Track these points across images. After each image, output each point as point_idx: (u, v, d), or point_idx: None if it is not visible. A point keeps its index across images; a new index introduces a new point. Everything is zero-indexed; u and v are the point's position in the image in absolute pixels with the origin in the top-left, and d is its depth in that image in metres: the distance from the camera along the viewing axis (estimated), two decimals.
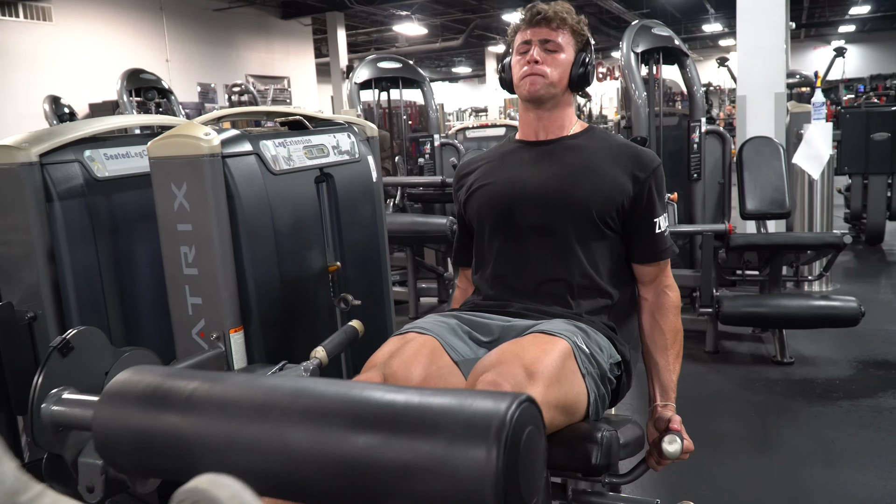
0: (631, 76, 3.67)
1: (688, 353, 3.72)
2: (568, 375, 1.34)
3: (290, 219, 1.72)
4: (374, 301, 2.05)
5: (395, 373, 1.35)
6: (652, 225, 1.63)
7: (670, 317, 1.65)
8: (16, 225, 1.75)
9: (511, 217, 1.65)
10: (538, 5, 1.68)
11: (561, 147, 1.68)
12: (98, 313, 1.82)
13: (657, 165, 1.64)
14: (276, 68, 13.15)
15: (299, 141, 1.79)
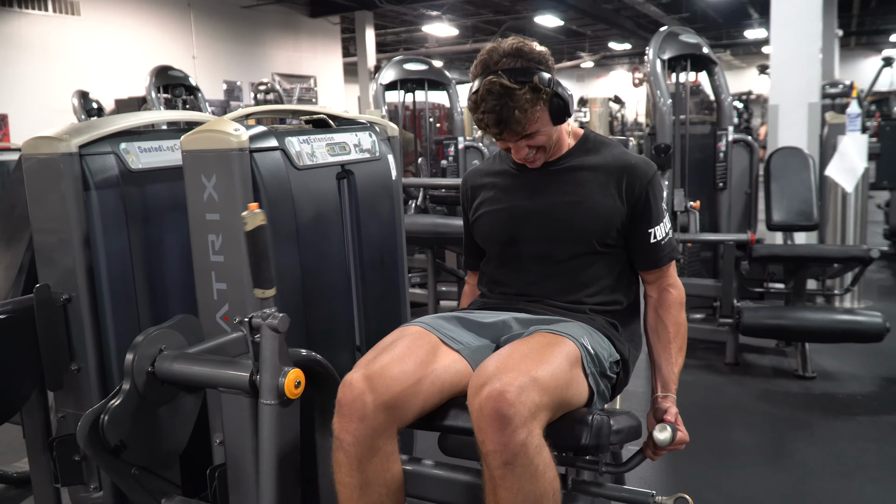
0: (656, 83, 3.80)
1: (707, 363, 3.84)
2: (574, 379, 1.46)
3: (311, 211, 1.89)
4: (390, 299, 2.20)
5: (387, 367, 1.46)
6: (647, 236, 1.77)
7: (673, 311, 1.78)
8: (55, 212, 1.94)
9: (516, 246, 1.81)
10: (489, 106, 1.64)
11: (557, 171, 1.81)
12: (129, 296, 2.00)
13: (652, 176, 1.77)
14: (303, 67, 13.45)
15: (322, 138, 1.96)
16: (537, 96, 1.65)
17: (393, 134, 2.28)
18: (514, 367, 1.37)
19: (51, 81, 8.72)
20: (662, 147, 3.77)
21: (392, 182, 2.20)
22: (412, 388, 1.45)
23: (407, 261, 2.36)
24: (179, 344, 1.71)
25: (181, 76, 5.35)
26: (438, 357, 1.54)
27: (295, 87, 10.68)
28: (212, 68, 11.47)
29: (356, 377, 1.46)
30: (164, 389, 1.66)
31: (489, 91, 1.63)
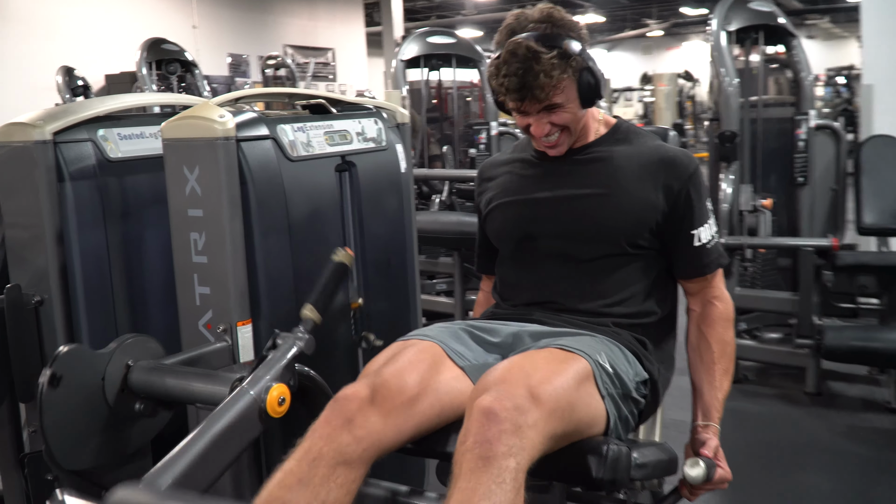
0: (721, 59, 3.84)
1: (782, 392, 3.85)
2: (584, 399, 1.51)
3: (306, 208, 1.99)
4: (398, 306, 2.30)
5: (387, 382, 1.53)
6: (690, 238, 1.82)
7: (718, 328, 1.83)
8: (27, 205, 2.06)
9: (532, 244, 1.87)
10: (512, 69, 1.71)
11: (583, 160, 1.87)
12: (105, 299, 2.11)
13: (693, 170, 1.82)
14: (320, 38, 13.64)
15: (320, 126, 2.06)
16: (565, 64, 1.73)
17: (403, 121, 2.37)
18: (515, 380, 1.43)
19: (37, 56, 9.00)
20: (727, 135, 3.80)
21: (401, 175, 2.29)
22: (410, 405, 1.53)
23: (418, 263, 2.45)
24: (155, 353, 1.82)
25: (176, 50, 5.51)
26: (441, 373, 1.61)
27: (309, 61, 10.85)
28: (215, 40, 11.70)
29: (360, 386, 1.54)
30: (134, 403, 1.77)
31: (513, 53, 1.71)
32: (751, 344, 3.96)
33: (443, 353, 1.65)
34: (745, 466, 3.16)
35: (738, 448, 3.30)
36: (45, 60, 7.83)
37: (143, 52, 5.35)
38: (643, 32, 22.14)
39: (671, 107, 12.75)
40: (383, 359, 1.64)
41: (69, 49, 9.32)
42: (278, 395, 1.58)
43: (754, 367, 4.15)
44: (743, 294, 3.90)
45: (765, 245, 3.67)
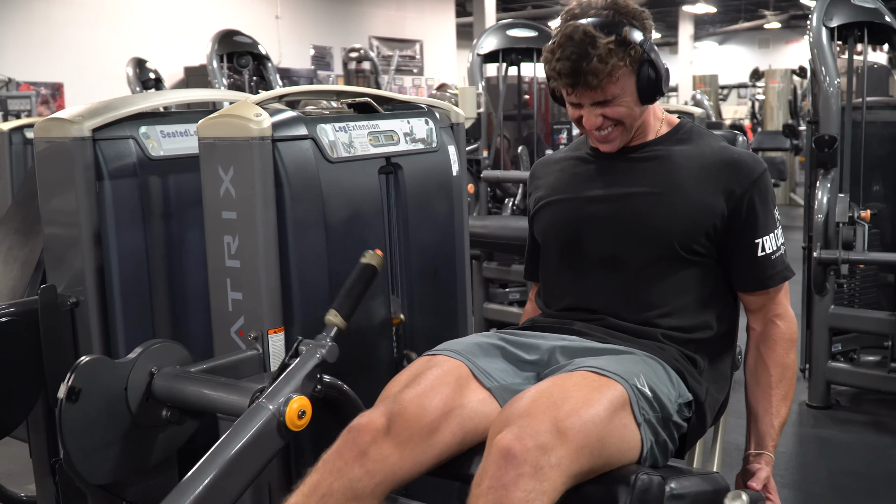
0: (821, 57, 3.71)
1: (875, 419, 3.72)
2: (617, 431, 1.48)
3: (345, 212, 1.99)
4: (445, 316, 2.28)
5: (407, 408, 1.53)
6: (754, 248, 1.77)
7: (778, 350, 1.79)
8: (65, 204, 2.13)
9: (579, 245, 1.84)
10: (566, 52, 1.70)
11: (640, 158, 1.84)
12: (142, 302, 2.17)
13: (760, 174, 1.77)
14: (407, 30, 13.75)
15: (364, 126, 2.06)
16: (624, 52, 1.71)
17: (457, 121, 2.36)
18: (541, 412, 1.41)
19: (112, 46, 9.30)
20: (826, 139, 3.68)
21: (452, 178, 2.28)
22: (429, 434, 1.52)
23: (470, 273, 2.43)
24: (182, 360, 1.85)
25: (248, 42, 5.62)
26: (466, 396, 1.59)
27: (394, 53, 10.93)
28: (298, 31, 11.92)
29: (376, 414, 1.55)
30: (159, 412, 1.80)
31: (569, 37, 1.71)
32: (845, 367, 3.83)
33: (469, 373, 1.63)
34: (823, 497, 3.09)
35: (819, 477, 3.23)
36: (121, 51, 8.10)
37: (213, 45, 5.47)
38: (759, 24, 21.61)
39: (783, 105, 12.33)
40: (404, 380, 1.63)
41: (146, 39, 9.62)
42: (298, 407, 1.59)
43: (848, 393, 4.01)
44: (838, 313, 3.77)
45: (861, 260, 3.54)
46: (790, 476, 3.20)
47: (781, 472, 3.19)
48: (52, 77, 9.44)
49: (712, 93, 14.60)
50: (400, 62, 12.89)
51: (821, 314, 3.78)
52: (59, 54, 9.34)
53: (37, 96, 9.09)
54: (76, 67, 9.32)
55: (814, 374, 3.86)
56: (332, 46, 12.40)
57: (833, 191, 3.66)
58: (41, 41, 9.24)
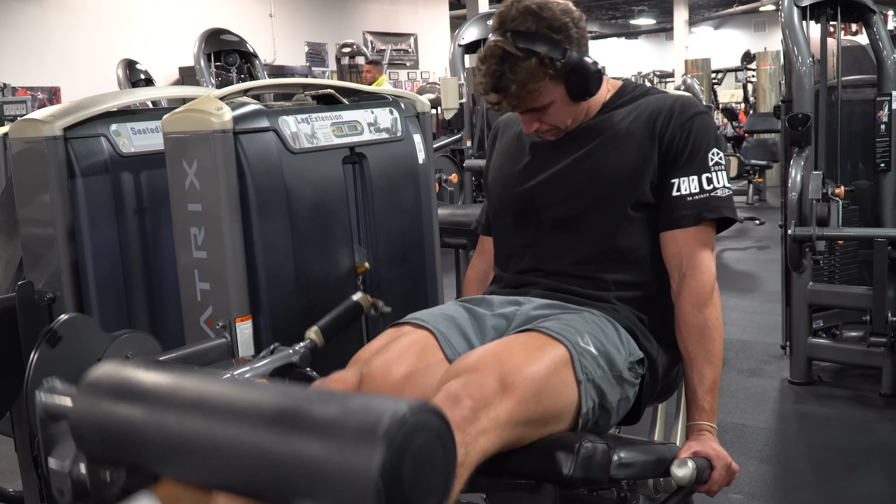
0: (793, 36, 3.72)
1: (856, 394, 3.74)
2: (556, 387, 1.53)
3: (310, 201, 2.03)
4: (413, 301, 2.32)
5: (374, 372, 1.60)
6: (669, 187, 1.77)
7: (688, 310, 1.75)
8: (40, 202, 2.16)
9: (533, 211, 1.87)
10: (490, 69, 1.71)
11: (588, 125, 1.86)
12: (118, 296, 2.21)
13: (689, 117, 1.77)
14: (401, 23, 13.76)
15: (326, 117, 2.10)
16: (544, 71, 1.70)
17: (423, 110, 2.39)
18: (487, 367, 1.47)
19: (109, 48, 9.32)
20: (799, 118, 3.69)
21: (418, 166, 2.32)
22: (394, 391, 1.58)
23: (440, 261, 2.46)
24: (152, 350, 1.89)
25: (235, 40, 5.65)
26: (430, 364, 1.65)
27: (387, 48, 10.96)
28: (292, 28, 11.94)
29: (349, 373, 1.62)
30: None
31: (491, 53, 1.71)
32: (825, 343, 3.84)
33: (435, 342, 1.69)
34: (803, 471, 3.11)
35: (799, 452, 3.24)
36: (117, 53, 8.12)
37: (200, 44, 5.50)
38: (755, 7, 21.51)
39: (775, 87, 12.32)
40: (374, 347, 1.69)
41: (142, 41, 9.65)
42: None
43: (830, 368, 4.03)
44: (816, 289, 3.79)
45: (835, 236, 3.55)
46: (770, 451, 3.22)
47: (761, 448, 3.22)
48: (48, 81, 9.48)
49: (705, 77, 14.54)
50: (394, 56, 12.91)
51: (799, 291, 3.80)
52: (55, 58, 9.38)
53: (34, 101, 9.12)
54: (73, 71, 9.36)
55: (794, 351, 3.88)
56: (326, 42, 12.42)
57: (807, 168, 3.68)
58: (37, 46, 9.28)
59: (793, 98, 3.77)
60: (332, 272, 2.10)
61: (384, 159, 2.23)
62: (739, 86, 17.18)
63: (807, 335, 3.83)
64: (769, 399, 3.75)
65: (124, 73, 6.26)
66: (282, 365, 1.71)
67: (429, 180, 2.37)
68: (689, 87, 9.96)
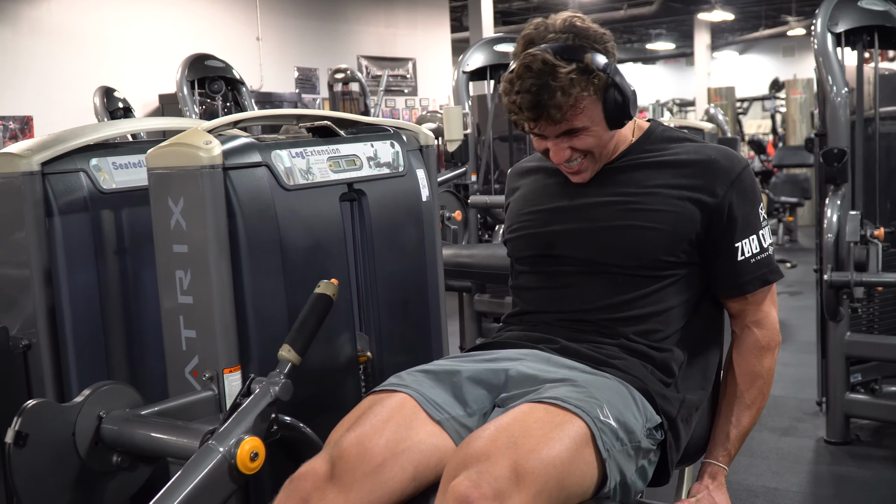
0: (827, 64, 3.78)
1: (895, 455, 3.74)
2: (579, 469, 1.54)
3: (304, 242, 2.05)
4: (416, 349, 2.33)
5: (346, 452, 1.58)
6: (733, 252, 1.83)
7: (749, 358, 1.88)
8: (16, 242, 2.19)
9: (552, 257, 1.91)
10: (526, 85, 1.73)
11: (612, 168, 1.91)
12: (96, 343, 2.23)
13: (738, 174, 1.83)
14: (399, 48, 13.88)
15: (323, 151, 2.13)
16: (587, 80, 1.74)
17: (427, 143, 2.42)
18: (499, 454, 1.45)
19: (84, 75, 9.40)
20: (835, 153, 3.73)
21: (422, 204, 2.34)
22: (375, 474, 1.57)
23: (445, 305, 2.48)
24: (133, 402, 1.91)
25: (220, 66, 5.73)
26: (414, 429, 1.64)
27: (384, 73, 11.05)
28: (281, 52, 12.03)
29: (319, 462, 1.61)
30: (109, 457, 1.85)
31: (528, 67, 1.73)
32: (864, 399, 3.85)
33: (417, 406, 1.68)
34: None
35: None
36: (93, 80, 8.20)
37: (183, 70, 5.57)
38: (782, 31, 21.71)
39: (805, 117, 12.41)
40: (348, 422, 1.68)
41: (119, 67, 9.73)
42: (250, 449, 1.64)
43: (869, 426, 4.04)
44: (855, 340, 3.80)
45: (875, 282, 3.57)
46: None
47: None
48: (20, 110, 9.55)
49: (729, 106, 14.67)
50: (391, 82, 12.99)
51: (836, 342, 3.82)
52: (27, 86, 9.45)
53: (5, 131, 9.20)
54: (46, 99, 9.43)
55: (831, 408, 3.89)
56: (317, 68, 12.51)
57: (844, 208, 3.71)
58: (8, 72, 9.35)
59: (827, 131, 3.81)
60: (328, 321, 2.12)
61: (385, 196, 2.25)
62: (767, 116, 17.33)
63: (844, 390, 3.84)
64: (803, 460, 3.75)
65: (101, 101, 6.32)
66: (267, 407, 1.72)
67: (433, 219, 2.39)
68: (712, 117, 10.05)
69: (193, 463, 1.62)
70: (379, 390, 1.76)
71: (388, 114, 13.15)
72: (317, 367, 2.02)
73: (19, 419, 1.77)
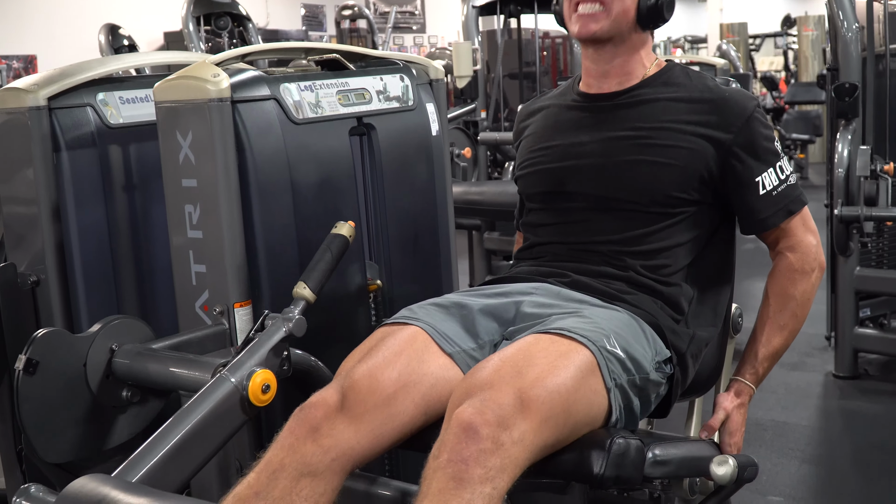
0: (837, 0, 3.72)
1: None
2: (585, 398, 1.54)
3: (314, 177, 2.04)
4: (426, 286, 2.33)
5: (357, 384, 1.58)
6: (754, 187, 1.84)
7: (781, 280, 1.90)
8: (23, 178, 2.19)
9: (564, 192, 1.91)
10: None
11: (626, 104, 1.90)
12: (106, 279, 2.24)
13: (750, 113, 1.83)
14: None
15: (332, 84, 2.11)
16: None
17: (436, 77, 2.39)
18: (505, 382, 1.46)
19: (87, 13, 9.35)
20: (846, 87, 3.69)
21: (432, 138, 2.32)
22: (386, 406, 1.58)
23: (455, 240, 2.48)
24: (144, 337, 1.92)
25: (226, 2, 5.64)
26: (426, 362, 1.65)
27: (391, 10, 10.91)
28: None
29: (330, 391, 1.61)
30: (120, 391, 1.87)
31: None
32: (873, 333, 3.86)
33: (428, 338, 1.69)
34: (847, 473, 3.14)
35: (843, 452, 3.27)
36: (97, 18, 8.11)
37: (188, 6, 5.49)
38: None
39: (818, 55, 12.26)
40: (360, 353, 1.69)
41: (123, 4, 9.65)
42: (262, 381, 1.65)
43: (878, 361, 4.05)
44: (864, 275, 3.80)
45: (885, 217, 3.56)
46: (813, 451, 3.24)
47: (803, 447, 3.24)
48: (24, 49, 9.51)
49: (741, 43, 14.49)
50: (399, 19, 12.87)
51: (845, 277, 3.81)
52: (31, 25, 9.40)
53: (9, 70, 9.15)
54: (50, 38, 9.38)
55: (839, 342, 3.89)
56: (324, 5, 12.41)
57: (855, 143, 3.68)
58: (12, 12, 9.30)
59: (839, 66, 3.77)
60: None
61: (394, 131, 2.23)
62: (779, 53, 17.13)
63: (853, 325, 3.85)
64: (812, 395, 3.77)
65: (106, 38, 6.26)
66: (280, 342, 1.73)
67: (443, 154, 2.38)
68: (724, 53, 9.92)
69: (206, 392, 1.63)
70: (391, 322, 1.76)
71: (396, 51, 13.03)
72: (328, 296, 2.01)
73: (30, 346, 1.77)
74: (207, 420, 1.61)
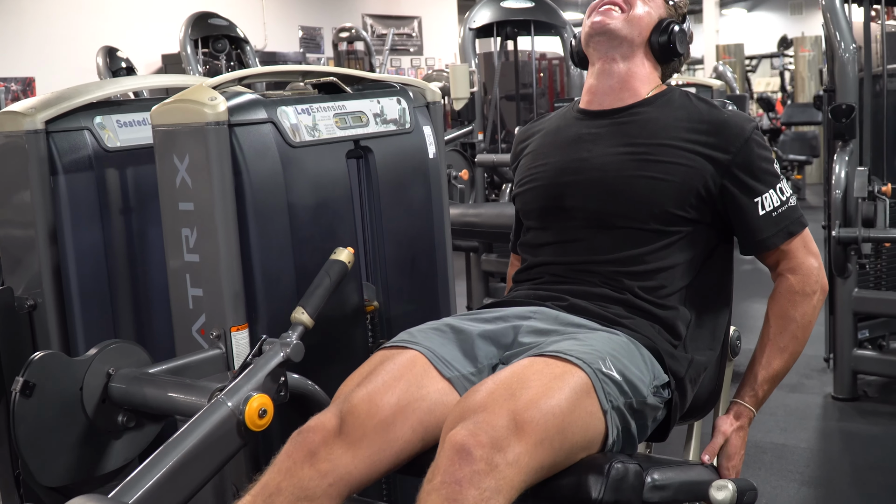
0: (834, 21, 3.73)
1: None
2: (581, 420, 1.54)
3: (311, 200, 2.04)
4: (423, 308, 2.33)
5: (356, 408, 1.58)
6: (753, 208, 1.84)
7: (781, 302, 1.88)
8: (20, 201, 2.19)
9: (562, 207, 1.92)
10: None
11: (626, 119, 1.92)
12: (102, 302, 2.23)
13: (748, 136, 1.85)
14: (403, 6, 13.79)
15: (329, 107, 2.11)
16: (665, 4, 1.96)
17: (433, 99, 2.40)
18: (499, 404, 1.46)
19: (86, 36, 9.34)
20: (843, 108, 3.70)
21: (428, 161, 2.33)
22: (384, 431, 1.57)
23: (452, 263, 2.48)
24: (140, 361, 1.91)
25: (224, 25, 5.69)
26: (425, 387, 1.65)
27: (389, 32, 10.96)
28: (285, 11, 11.97)
29: (328, 416, 1.61)
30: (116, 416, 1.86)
31: None
32: (872, 355, 3.86)
33: (428, 363, 1.68)
34: (846, 494, 3.14)
35: (842, 474, 3.27)
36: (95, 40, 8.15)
37: (186, 29, 5.53)
38: None
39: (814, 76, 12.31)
40: (358, 377, 1.69)
41: (122, 27, 9.67)
42: (259, 406, 1.64)
43: (877, 383, 4.04)
44: (862, 296, 3.80)
45: (883, 238, 3.56)
46: (812, 472, 3.24)
47: (802, 469, 3.23)
48: (22, 72, 9.52)
49: (737, 64, 14.56)
50: (396, 41, 12.89)
51: (844, 298, 3.81)
52: (29, 47, 9.41)
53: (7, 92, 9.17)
54: (48, 60, 9.38)
55: (838, 364, 3.89)
56: (321, 27, 12.45)
57: (852, 164, 3.69)
58: (10, 33, 9.31)
59: (836, 87, 3.78)
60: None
61: (391, 153, 2.24)
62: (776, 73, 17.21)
63: (851, 346, 3.84)
64: (811, 416, 3.77)
65: (104, 61, 6.30)
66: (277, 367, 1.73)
67: (440, 177, 2.38)
68: (720, 74, 9.97)
69: (202, 417, 1.62)
70: (389, 346, 1.76)
71: (393, 73, 13.08)
72: (324, 316, 2.00)
73: (27, 369, 1.77)
74: (204, 444, 1.60)
